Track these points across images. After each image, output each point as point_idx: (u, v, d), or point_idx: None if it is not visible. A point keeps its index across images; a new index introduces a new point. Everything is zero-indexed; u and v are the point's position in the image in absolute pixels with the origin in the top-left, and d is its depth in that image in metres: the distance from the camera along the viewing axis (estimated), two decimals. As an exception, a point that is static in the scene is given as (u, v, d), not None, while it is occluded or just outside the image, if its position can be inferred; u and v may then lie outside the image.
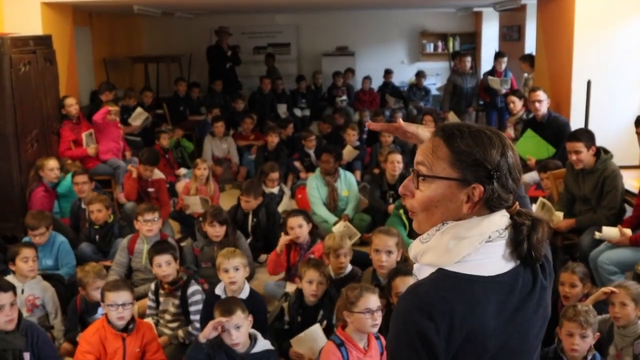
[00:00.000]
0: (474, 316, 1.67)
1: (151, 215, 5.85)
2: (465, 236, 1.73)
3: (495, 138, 1.76)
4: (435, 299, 1.68)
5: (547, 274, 1.84)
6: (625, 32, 7.62)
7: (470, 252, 1.72)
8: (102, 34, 12.05)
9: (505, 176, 1.74)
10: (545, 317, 1.84)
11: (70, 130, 8.37)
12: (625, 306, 4.01)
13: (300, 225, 5.72)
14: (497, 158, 1.73)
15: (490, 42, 14.42)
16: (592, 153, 5.70)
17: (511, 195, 1.76)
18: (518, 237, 1.73)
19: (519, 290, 1.74)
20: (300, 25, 15.54)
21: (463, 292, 1.69)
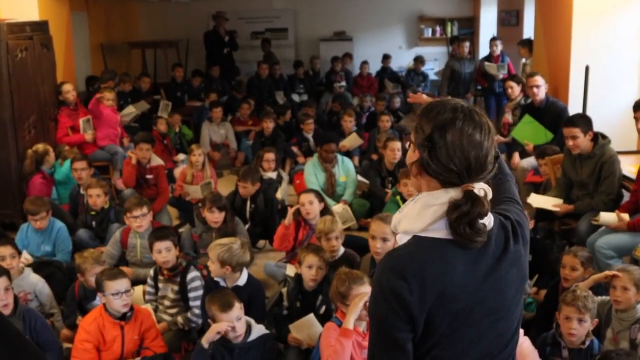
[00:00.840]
0: (445, 275, 1.84)
1: (139, 211, 5.70)
2: (432, 204, 1.88)
3: (449, 113, 1.88)
4: (407, 260, 1.86)
5: (520, 238, 1.99)
6: (623, 17, 7.59)
7: (439, 220, 1.87)
8: (99, 19, 12.00)
9: (439, 150, 1.86)
10: (521, 277, 2.01)
11: (67, 116, 8.36)
12: (627, 290, 4.02)
13: (311, 201, 5.74)
14: (431, 129, 1.88)
15: (488, 27, 14.35)
16: (589, 138, 5.70)
17: (453, 174, 1.87)
18: (450, 212, 1.84)
19: (492, 251, 1.91)
20: (297, 10, 15.48)
21: (434, 253, 1.86)
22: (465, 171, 1.86)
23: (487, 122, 1.91)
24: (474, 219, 1.82)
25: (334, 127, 9.69)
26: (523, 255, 2.01)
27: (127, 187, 7.45)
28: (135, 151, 7.54)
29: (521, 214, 2.09)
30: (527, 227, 2.06)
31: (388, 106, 10.87)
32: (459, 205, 1.83)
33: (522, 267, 2.01)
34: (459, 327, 1.89)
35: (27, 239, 6.03)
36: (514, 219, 2.02)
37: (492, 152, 1.90)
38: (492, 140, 1.90)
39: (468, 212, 1.81)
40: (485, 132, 1.88)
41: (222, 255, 4.60)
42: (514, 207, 2.13)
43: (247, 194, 6.78)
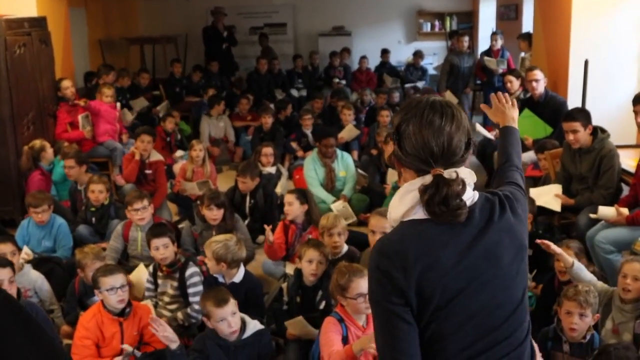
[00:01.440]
0: (427, 249, 1.95)
1: (140, 204, 5.75)
2: (410, 190, 2.02)
3: (413, 106, 2.03)
4: (390, 242, 2.02)
5: (509, 209, 2.08)
6: (622, 11, 7.58)
7: (417, 204, 2.00)
8: (97, 15, 11.99)
9: (405, 140, 2.01)
10: (517, 246, 2.07)
11: (66, 112, 8.36)
12: (638, 280, 4.03)
13: (290, 202, 5.78)
14: (399, 121, 2.05)
15: (487, 21, 14.33)
16: (588, 132, 5.70)
17: (421, 161, 1.99)
18: (422, 195, 1.97)
19: (476, 223, 2.01)
20: (296, 5, 15.45)
21: (414, 231, 1.99)
22: (430, 157, 1.98)
23: (452, 111, 2.01)
24: (444, 198, 1.93)
25: (333, 122, 9.68)
26: (515, 224, 2.08)
27: (128, 183, 7.44)
28: (137, 144, 7.52)
29: (516, 191, 2.20)
30: (521, 201, 2.17)
31: (387, 101, 10.85)
32: (426, 189, 1.96)
33: (517, 235, 2.08)
34: (453, 300, 1.96)
35: (27, 235, 6.03)
36: (503, 194, 2.12)
37: (457, 138, 1.99)
38: (458, 126, 1.99)
39: (434, 193, 1.93)
40: (447, 118, 1.98)
41: (218, 252, 4.63)
42: (510, 187, 2.25)
43: (247, 189, 6.78)
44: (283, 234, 5.82)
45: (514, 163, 2.49)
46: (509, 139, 2.65)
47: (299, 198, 5.84)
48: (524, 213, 2.14)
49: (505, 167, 2.48)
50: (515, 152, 2.57)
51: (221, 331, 4.07)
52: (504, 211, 2.07)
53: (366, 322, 3.95)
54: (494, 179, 2.47)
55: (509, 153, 2.55)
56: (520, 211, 2.12)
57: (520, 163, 2.56)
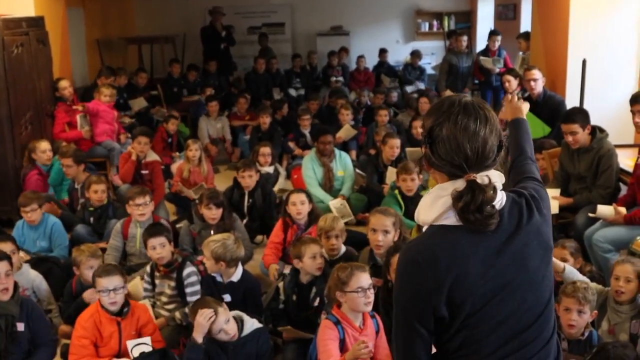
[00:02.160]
0: (458, 258, 1.94)
1: (142, 199, 5.81)
2: (441, 195, 1.99)
3: (445, 108, 1.99)
4: (420, 248, 2.00)
5: (536, 210, 2.06)
6: (621, 10, 7.59)
7: (449, 210, 1.97)
8: (95, 14, 11.97)
9: (439, 145, 1.98)
10: (545, 247, 2.07)
11: (64, 112, 8.35)
12: (630, 282, 4.04)
13: (302, 201, 5.75)
14: (431, 124, 2.00)
15: (485, 21, 14.34)
16: (587, 132, 5.70)
17: (454, 166, 1.97)
18: (455, 202, 1.95)
19: (505, 228, 1.98)
20: (294, 5, 15.44)
21: (445, 239, 1.97)
22: (465, 162, 1.95)
23: (485, 113, 1.99)
24: (479, 206, 1.90)
25: (331, 122, 9.67)
26: (542, 226, 2.07)
27: (124, 183, 7.43)
28: (134, 144, 7.51)
29: (539, 188, 2.19)
30: (545, 199, 2.14)
31: (385, 100, 10.85)
32: (460, 195, 1.92)
33: (544, 237, 2.07)
34: (484, 307, 1.97)
35: (23, 236, 6.01)
36: (529, 194, 2.09)
37: (490, 142, 1.97)
38: (491, 129, 1.98)
39: (470, 201, 1.90)
40: (480, 121, 1.96)
41: (217, 251, 4.63)
42: (531, 183, 2.24)
43: (250, 185, 6.72)
44: (282, 232, 5.80)
45: (527, 155, 2.50)
46: (519, 131, 2.66)
47: (308, 197, 5.86)
48: (548, 212, 2.13)
49: (520, 160, 2.48)
50: (527, 144, 2.58)
51: (220, 339, 4.09)
52: (532, 213, 2.05)
53: (362, 323, 3.95)
54: (510, 173, 2.44)
55: (521, 146, 2.57)
56: (545, 211, 2.11)
57: (533, 154, 2.55)
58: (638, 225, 5.04)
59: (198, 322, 4.04)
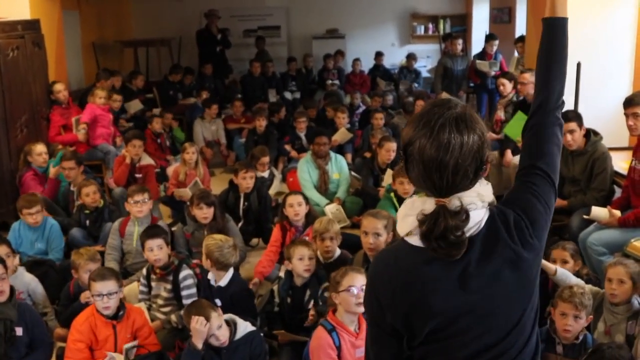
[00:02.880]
0: (418, 284, 1.83)
1: (141, 197, 5.89)
2: (410, 214, 1.87)
3: (419, 126, 1.81)
4: (385, 264, 1.91)
5: (518, 237, 1.84)
6: (615, 13, 7.60)
7: (416, 229, 1.84)
8: (90, 17, 11.97)
9: (410, 165, 1.84)
10: (523, 283, 1.86)
11: (60, 115, 8.36)
12: (623, 284, 4.05)
13: (299, 202, 5.80)
14: (408, 139, 1.84)
15: (480, 24, 14.38)
16: (582, 133, 5.74)
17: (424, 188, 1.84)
18: (420, 225, 1.82)
19: (476, 256, 1.81)
20: (290, 8, 15.47)
21: (407, 259, 1.86)
22: (433, 189, 1.82)
23: (469, 129, 1.79)
24: (442, 234, 1.76)
25: (326, 125, 9.68)
26: (524, 256, 1.84)
27: (118, 186, 7.43)
28: (128, 148, 7.53)
29: (535, 203, 1.92)
30: (538, 221, 1.90)
31: (381, 103, 10.87)
32: (424, 220, 1.80)
33: (524, 269, 1.85)
34: (443, 336, 1.86)
35: (20, 237, 6.01)
36: (514, 218, 1.86)
37: (464, 168, 1.78)
38: (468, 152, 1.77)
39: (432, 228, 1.77)
40: (456, 142, 1.76)
41: (209, 247, 4.71)
42: (531, 190, 1.94)
43: (250, 186, 6.76)
44: (280, 236, 5.81)
45: (555, 105, 2.03)
46: (553, 50, 2.05)
47: (305, 198, 5.90)
48: (538, 240, 1.88)
49: (540, 123, 2.04)
50: (557, 80, 2.04)
51: (211, 344, 4.09)
52: (513, 241, 1.83)
53: (358, 327, 3.94)
54: (524, 135, 2.08)
55: (550, 86, 2.04)
56: (532, 240, 1.86)
57: (561, 94, 2.06)
58: (632, 227, 5.06)
59: (195, 329, 4.03)
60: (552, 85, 2.05)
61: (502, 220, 1.85)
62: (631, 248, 4.76)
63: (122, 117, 9.98)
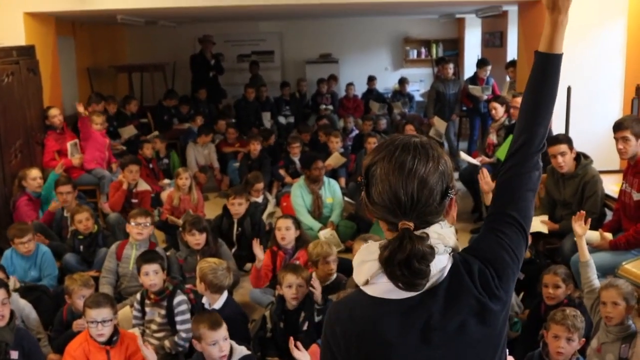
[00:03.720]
0: (375, 338, 1.68)
1: (143, 220, 5.92)
2: (367, 259, 1.73)
3: (385, 146, 1.73)
4: (340, 314, 1.76)
5: (484, 288, 1.71)
6: (605, 37, 7.70)
7: (375, 276, 1.70)
8: (85, 43, 12.03)
9: (372, 187, 1.70)
10: (490, 337, 1.74)
11: (54, 140, 8.37)
12: (618, 305, 4.07)
13: (287, 227, 5.81)
14: (368, 163, 1.74)
15: (473, 48, 14.51)
16: (573, 156, 5.79)
17: (387, 211, 1.68)
18: (381, 252, 1.65)
19: (439, 307, 1.68)
20: (283, 33, 15.58)
21: (365, 313, 1.71)
22: (397, 208, 1.66)
23: (428, 152, 1.70)
24: (407, 258, 1.60)
25: (320, 149, 9.72)
26: (491, 308, 1.71)
27: (113, 212, 7.44)
28: (125, 173, 7.55)
29: (504, 252, 1.78)
30: (506, 270, 1.77)
31: (374, 127, 10.91)
32: (387, 245, 1.63)
33: (490, 322, 1.72)
34: None
35: (12, 265, 5.98)
36: (480, 266, 1.74)
37: (431, 184, 1.66)
38: (434, 169, 1.68)
39: (397, 250, 1.60)
40: (420, 159, 1.67)
41: (203, 270, 4.74)
42: (499, 239, 1.80)
43: (240, 212, 6.79)
44: (270, 261, 5.84)
45: (536, 149, 1.91)
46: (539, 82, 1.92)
47: (294, 223, 5.91)
48: (505, 293, 1.75)
49: (521, 160, 1.89)
50: (541, 117, 1.92)
51: (211, 355, 4.07)
52: (479, 292, 1.71)
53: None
54: (500, 173, 1.93)
55: (535, 129, 1.91)
56: (499, 292, 1.73)
57: (545, 134, 1.93)
58: (623, 250, 5.10)
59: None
60: (537, 128, 1.93)
61: (466, 269, 1.72)
62: (623, 271, 4.79)
63: (117, 141, 10.00)
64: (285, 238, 5.80)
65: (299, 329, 4.68)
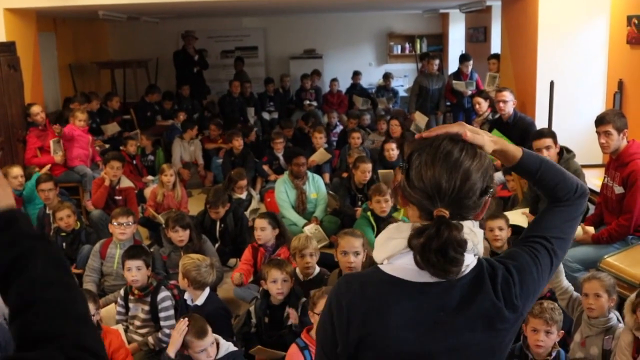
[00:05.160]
0: (378, 317, 1.68)
1: (125, 219, 5.85)
2: (394, 237, 1.72)
3: (432, 138, 1.73)
4: (350, 289, 1.74)
5: (504, 295, 1.70)
6: (588, 33, 7.72)
7: (397, 254, 1.71)
8: (67, 39, 11.95)
9: (414, 170, 1.70)
10: (492, 340, 1.72)
11: (36, 137, 8.31)
12: (600, 297, 4.09)
13: (263, 227, 5.79)
14: (411, 150, 1.75)
15: (456, 43, 14.54)
16: (557, 151, 5.81)
17: (425, 196, 1.68)
18: (415, 239, 1.63)
19: (452, 302, 1.68)
20: (267, 29, 15.55)
21: (376, 290, 1.71)
22: (437, 194, 1.65)
23: (475, 149, 1.72)
24: (443, 245, 1.58)
25: (304, 145, 9.71)
26: (505, 315, 1.70)
27: (96, 208, 7.40)
28: (107, 169, 7.50)
29: (533, 265, 1.78)
30: (531, 284, 1.76)
31: (358, 123, 10.92)
32: (423, 230, 1.61)
33: (499, 330, 1.71)
34: None
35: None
36: (504, 272, 1.73)
37: (473, 178, 1.67)
38: (478, 166, 1.69)
39: (434, 236, 1.59)
40: (467, 153, 1.69)
41: (186, 266, 4.72)
42: (532, 254, 1.80)
43: (219, 217, 6.80)
44: (251, 256, 5.83)
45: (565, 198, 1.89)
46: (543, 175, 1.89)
47: (271, 223, 5.87)
48: (524, 303, 1.74)
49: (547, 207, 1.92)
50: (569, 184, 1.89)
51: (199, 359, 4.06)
52: (497, 296, 1.69)
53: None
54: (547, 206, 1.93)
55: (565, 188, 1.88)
56: (516, 301, 1.71)
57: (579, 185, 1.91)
58: (605, 244, 5.12)
59: (173, 336, 4.06)
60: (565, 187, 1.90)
61: (489, 273, 1.71)
62: (605, 264, 4.81)
63: (99, 138, 9.95)
64: (261, 238, 5.79)
65: (283, 324, 4.67)
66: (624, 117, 5.28)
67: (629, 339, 3.88)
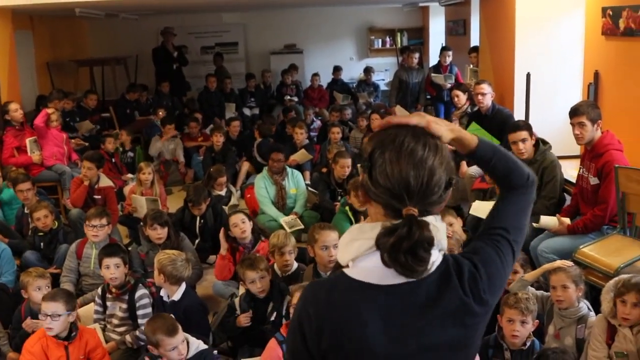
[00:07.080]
0: (347, 323, 1.66)
1: (98, 221, 5.79)
2: (358, 238, 1.70)
3: (392, 132, 1.70)
4: (313, 298, 1.73)
5: (471, 290, 1.70)
6: (565, 25, 7.75)
7: (361, 255, 1.68)
8: (44, 37, 11.83)
9: (378, 169, 1.67)
10: (461, 336, 1.72)
11: (13, 136, 8.25)
12: (567, 289, 4.13)
13: (243, 220, 5.76)
14: (372, 147, 1.70)
15: (437, 37, 14.54)
16: (533, 143, 5.84)
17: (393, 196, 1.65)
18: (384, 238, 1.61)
19: (420, 301, 1.67)
20: (247, 24, 15.50)
21: (343, 297, 1.69)
22: (406, 192, 1.63)
23: (436, 142, 1.70)
24: (414, 245, 1.57)
25: (285, 140, 9.70)
26: (474, 310, 1.70)
27: (75, 207, 7.35)
28: (82, 169, 7.46)
29: (497, 258, 1.79)
30: (497, 276, 1.76)
31: (340, 118, 10.92)
32: (394, 229, 1.59)
33: (470, 325, 1.72)
34: None
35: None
36: (471, 267, 1.73)
37: (438, 174, 1.66)
38: (441, 161, 1.67)
39: (405, 236, 1.57)
40: (430, 149, 1.67)
41: (162, 262, 4.73)
42: (495, 246, 1.81)
43: (202, 212, 6.78)
44: (230, 254, 5.81)
45: (524, 188, 1.94)
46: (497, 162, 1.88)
47: (247, 215, 5.90)
48: (492, 296, 1.74)
49: (506, 197, 1.92)
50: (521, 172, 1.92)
51: (170, 358, 4.03)
52: (465, 292, 1.69)
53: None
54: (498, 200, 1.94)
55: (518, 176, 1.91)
56: (484, 295, 1.72)
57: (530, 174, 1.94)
58: (581, 234, 5.15)
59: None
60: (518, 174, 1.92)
61: (455, 269, 1.71)
62: (580, 254, 4.84)
63: (76, 136, 9.88)
64: (246, 231, 5.74)
65: (267, 319, 4.68)
66: (597, 108, 5.31)
67: (603, 326, 3.92)
